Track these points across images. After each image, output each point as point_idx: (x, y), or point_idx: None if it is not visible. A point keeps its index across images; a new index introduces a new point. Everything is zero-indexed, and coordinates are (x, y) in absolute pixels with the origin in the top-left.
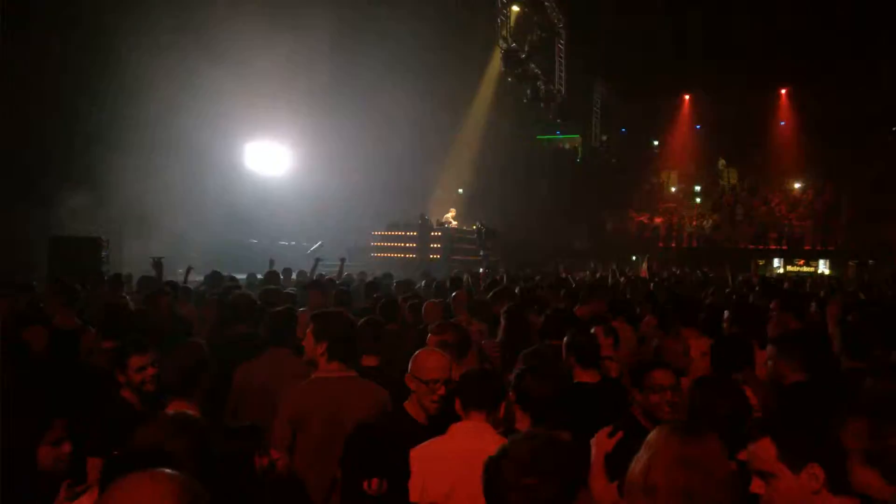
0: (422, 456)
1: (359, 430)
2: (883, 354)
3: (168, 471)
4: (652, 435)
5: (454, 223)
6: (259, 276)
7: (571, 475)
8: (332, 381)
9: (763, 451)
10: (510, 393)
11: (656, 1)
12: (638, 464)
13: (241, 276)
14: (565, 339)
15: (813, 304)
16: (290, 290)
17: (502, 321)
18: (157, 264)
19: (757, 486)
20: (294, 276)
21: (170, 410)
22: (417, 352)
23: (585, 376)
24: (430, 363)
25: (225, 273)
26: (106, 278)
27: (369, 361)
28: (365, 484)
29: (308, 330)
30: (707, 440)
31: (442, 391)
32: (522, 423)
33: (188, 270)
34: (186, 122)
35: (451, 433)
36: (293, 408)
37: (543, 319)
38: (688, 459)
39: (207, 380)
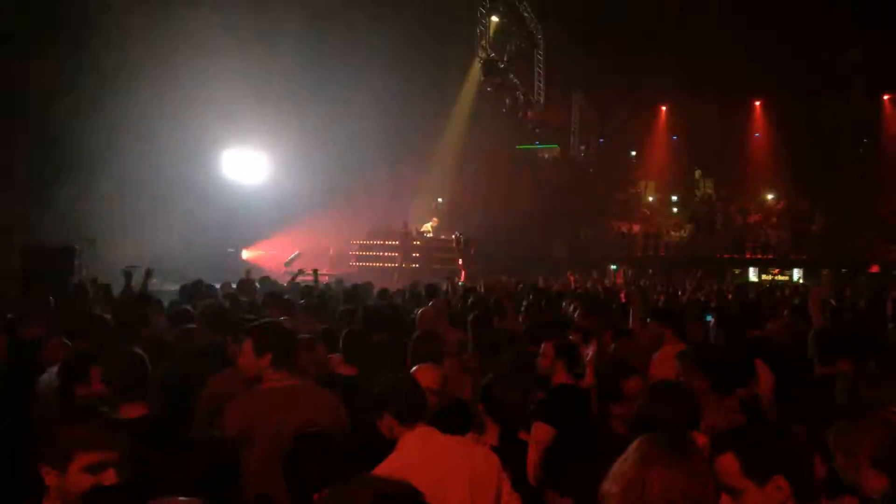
0: None
1: (300, 440)
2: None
3: (191, 499)
4: (642, 445)
5: (431, 234)
6: (233, 286)
7: None
8: (279, 390)
9: (727, 465)
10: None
11: (634, 13)
12: (626, 474)
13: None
14: (553, 343)
15: (786, 312)
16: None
17: (470, 330)
18: (128, 274)
19: (726, 502)
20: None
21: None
22: (414, 367)
23: (568, 379)
24: (420, 374)
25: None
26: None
27: (348, 370)
28: (316, 496)
29: (245, 346)
30: (698, 452)
31: (434, 399)
32: (492, 432)
33: (148, 273)
34: (163, 129)
35: (401, 449)
36: (239, 420)
37: (525, 328)
38: (688, 470)
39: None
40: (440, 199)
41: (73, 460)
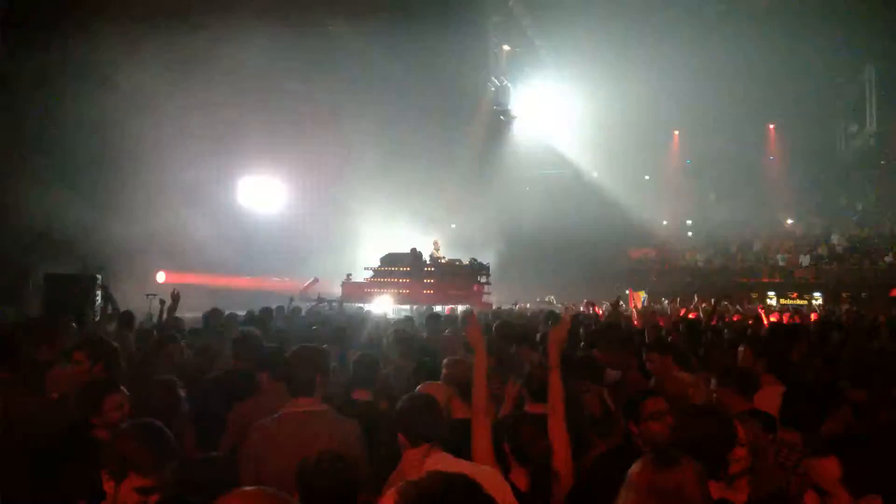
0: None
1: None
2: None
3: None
4: (632, 467)
5: (440, 256)
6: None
7: None
8: (296, 415)
9: (826, 469)
10: (504, 444)
11: (645, 39)
12: (619, 496)
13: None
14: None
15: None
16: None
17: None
18: (162, 301)
19: (811, 499)
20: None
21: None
22: (419, 387)
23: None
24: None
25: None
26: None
27: (361, 395)
28: None
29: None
30: (681, 468)
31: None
32: (518, 475)
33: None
34: (179, 158)
35: (402, 467)
36: (254, 442)
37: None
38: (661, 489)
39: (178, 423)
40: (453, 226)
41: (127, 478)
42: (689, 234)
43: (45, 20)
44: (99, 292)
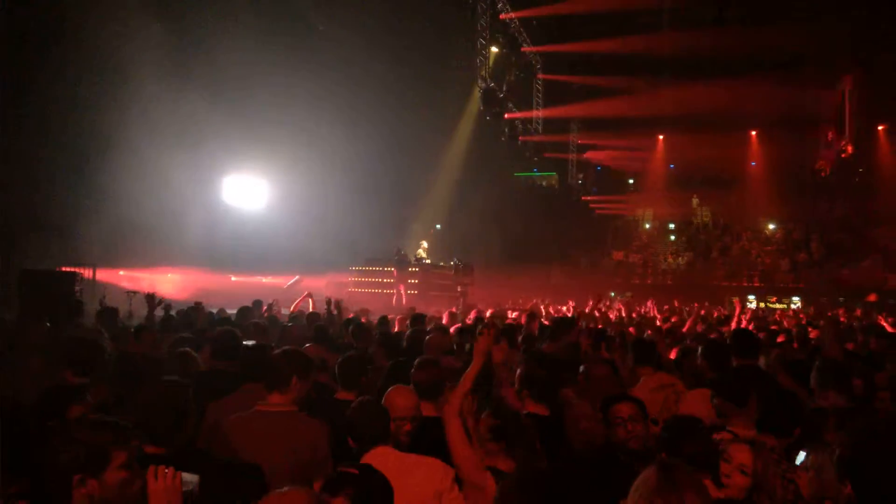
0: None
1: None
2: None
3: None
4: (640, 477)
5: (425, 257)
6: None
7: None
8: (267, 413)
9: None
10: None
11: (632, 44)
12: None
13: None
14: (518, 371)
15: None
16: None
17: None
18: (151, 298)
19: None
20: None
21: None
22: (388, 390)
23: (538, 408)
24: (398, 401)
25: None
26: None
27: (347, 396)
28: None
29: None
30: (689, 480)
31: (408, 427)
32: (504, 463)
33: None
34: (163, 154)
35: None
36: (226, 434)
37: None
38: (668, 499)
39: (191, 426)
40: (438, 226)
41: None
42: (672, 237)
43: (31, 12)
44: (79, 289)
